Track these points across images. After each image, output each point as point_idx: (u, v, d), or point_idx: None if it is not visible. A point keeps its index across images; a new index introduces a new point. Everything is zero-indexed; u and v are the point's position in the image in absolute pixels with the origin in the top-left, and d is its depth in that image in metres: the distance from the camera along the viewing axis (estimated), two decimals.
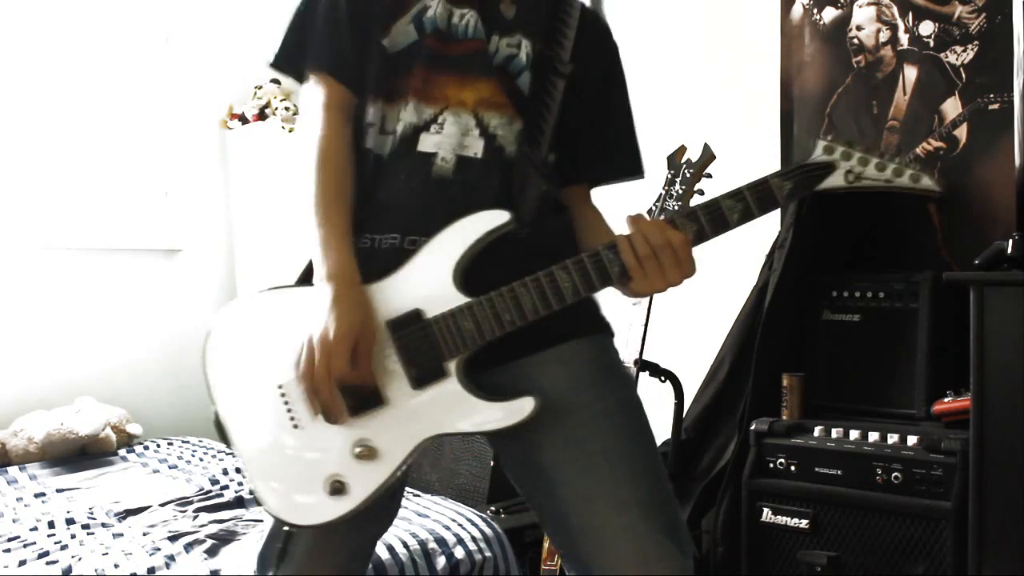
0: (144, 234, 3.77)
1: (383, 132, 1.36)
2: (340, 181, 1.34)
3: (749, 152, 2.80)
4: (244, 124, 3.82)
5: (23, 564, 2.09)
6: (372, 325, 1.26)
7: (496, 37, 1.36)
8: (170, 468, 3.03)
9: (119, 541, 2.25)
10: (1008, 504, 1.85)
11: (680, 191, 2.21)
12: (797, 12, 2.76)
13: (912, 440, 2.04)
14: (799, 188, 1.27)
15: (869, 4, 2.61)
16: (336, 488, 1.27)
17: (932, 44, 2.47)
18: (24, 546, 2.21)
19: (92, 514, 2.47)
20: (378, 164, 1.36)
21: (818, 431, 2.19)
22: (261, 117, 3.75)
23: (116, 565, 2.08)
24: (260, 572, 1.44)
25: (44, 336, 3.45)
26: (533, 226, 1.34)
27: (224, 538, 2.26)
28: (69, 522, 2.39)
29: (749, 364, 2.40)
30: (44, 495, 2.71)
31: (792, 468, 2.20)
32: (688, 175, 2.21)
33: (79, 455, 3.16)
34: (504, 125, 1.34)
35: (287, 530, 1.36)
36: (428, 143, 1.33)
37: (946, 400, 2.08)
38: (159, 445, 3.36)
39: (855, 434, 2.13)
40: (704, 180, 2.22)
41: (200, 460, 3.11)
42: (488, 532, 2.35)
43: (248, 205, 3.85)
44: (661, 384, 2.43)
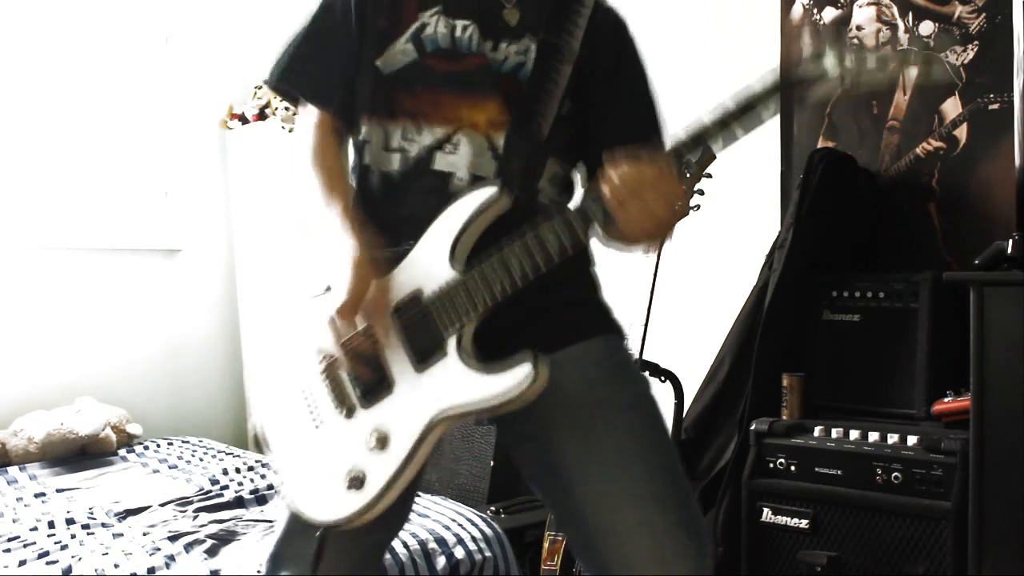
0: (144, 234, 3.77)
1: (387, 149, 1.37)
2: (335, 177, 1.39)
3: (749, 152, 2.80)
4: (244, 124, 3.82)
5: (23, 564, 2.09)
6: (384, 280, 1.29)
7: (504, 45, 1.36)
8: (170, 468, 3.03)
9: (119, 541, 2.25)
10: (1008, 504, 1.85)
11: None
12: (797, 12, 2.76)
13: (912, 440, 2.04)
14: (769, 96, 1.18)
15: (869, 4, 2.61)
16: (355, 481, 1.27)
17: (932, 44, 2.47)
18: (24, 546, 2.21)
19: (92, 514, 2.47)
20: (387, 180, 1.37)
21: (818, 431, 2.19)
22: (261, 117, 3.75)
23: (116, 565, 2.08)
24: (272, 572, 1.44)
25: (44, 336, 3.45)
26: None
27: (224, 538, 2.27)
28: (69, 522, 2.39)
29: (749, 364, 2.40)
30: (44, 495, 2.71)
31: (792, 468, 2.20)
32: (688, 175, 2.21)
33: (79, 455, 3.16)
34: (503, 156, 1.34)
35: (322, 535, 1.35)
36: (443, 163, 1.34)
37: (946, 400, 2.08)
38: (159, 445, 3.37)
39: (855, 434, 2.13)
40: (704, 180, 2.22)
41: (200, 460, 3.11)
42: (488, 532, 2.35)
43: (248, 205, 3.86)
44: (661, 384, 2.43)
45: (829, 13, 2.69)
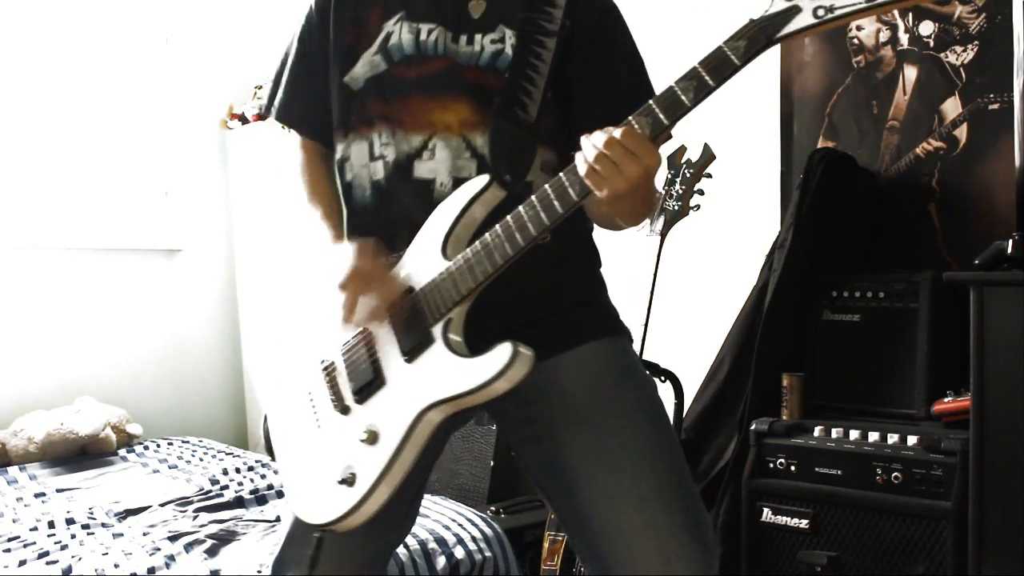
0: (144, 234, 3.77)
1: (373, 159, 1.37)
2: (316, 184, 1.45)
3: (749, 152, 2.80)
4: (244, 124, 3.82)
5: (23, 564, 2.09)
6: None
7: (479, 37, 1.34)
8: (170, 468, 3.03)
9: (119, 541, 2.25)
10: (1008, 504, 1.85)
11: (680, 191, 2.21)
12: None
13: (912, 440, 2.04)
14: (756, 43, 1.08)
15: None
16: (347, 479, 1.27)
17: (932, 44, 2.47)
18: (24, 546, 2.21)
19: (92, 514, 2.47)
20: (374, 190, 1.37)
21: (818, 431, 2.19)
22: (261, 117, 3.74)
23: (116, 565, 2.08)
24: (276, 574, 1.44)
25: (44, 336, 3.45)
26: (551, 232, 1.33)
27: (224, 538, 2.27)
28: (69, 522, 2.39)
29: (749, 364, 2.40)
30: (44, 495, 2.71)
31: (792, 468, 2.20)
32: (688, 175, 2.21)
33: (79, 455, 3.16)
34: (488, 142, 1.33)
35: (319, 537, 1.35)
36: (423, 170, 1.33)
37: (946, 400, 2.08)
38: (159, 445, 3.36)
39: (855, 434, 2.13)
40: (704, 180, 2.23)
41: (200, 460, 3.11)
42: (488, 532, 2.35)
43: (248, 205, 3.86)
44: (661, 384, 2.43)
45: None
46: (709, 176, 2.23)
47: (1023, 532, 1.84)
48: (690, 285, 2.89)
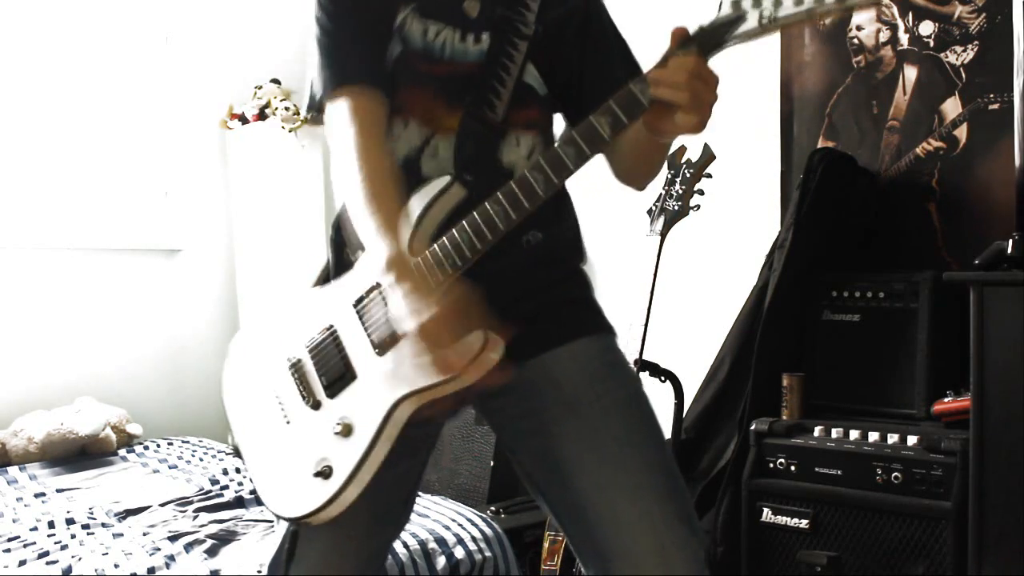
0: (144, 234, 3.77)
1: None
2: (384, 174, 1.29)
3: (749, 152, 2.80)
4: (244, 124, 3.82)
5: (23, 564, 2.10)
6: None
7: (472, 36, 1.35)
8: (170, 468, 3.03)
9: (119, 541, 2.25)
10: (1008, 504, 1.85)
11: (680, 191, 2.21)
12: None
13: (912, 440, 2.04)
14: (707, 46, 1.16)
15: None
16: (323, 471, 1.27)
17: (932, 44, 2.47)
18: (24, 546, 2.21)
19: (92, 514, 2.47)
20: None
21: (818, 431, 2.19)
22: (261, 117, 3.74)
23: (116, 565, 2.08)
24: (272, 574, 1.45)
25: (44, 336, 3.45)
26: (539, 227, 1.33)
27: (224, 538, 2.27)
28: (69, 522, 2.39)
29: (749, 364, 2.40)
30: (44, 495, 2.71)
31: (792, 468, 2.20)
32: (688, 175, 2.21)
33: (79, 455, 3.16)
34: (455, 140, 1.34)
35: (293, 530, 1.38)
36: (428, 167, 1.34)
37: (946, 400, 2.08)
38: (159, 445, 3.36)
39: (855, 434, 2.13)
40: (704, 180, 2.23)
41: (200, 460, 3.11)
42: (488, 532, 2.35)
43: (248, 205, 3.85)
44: (661, 384, 2.43)
45: None
46: (709, 176, 2.23)
47: (1023, 532, 1.84)
48: (690, 285, 2.89)
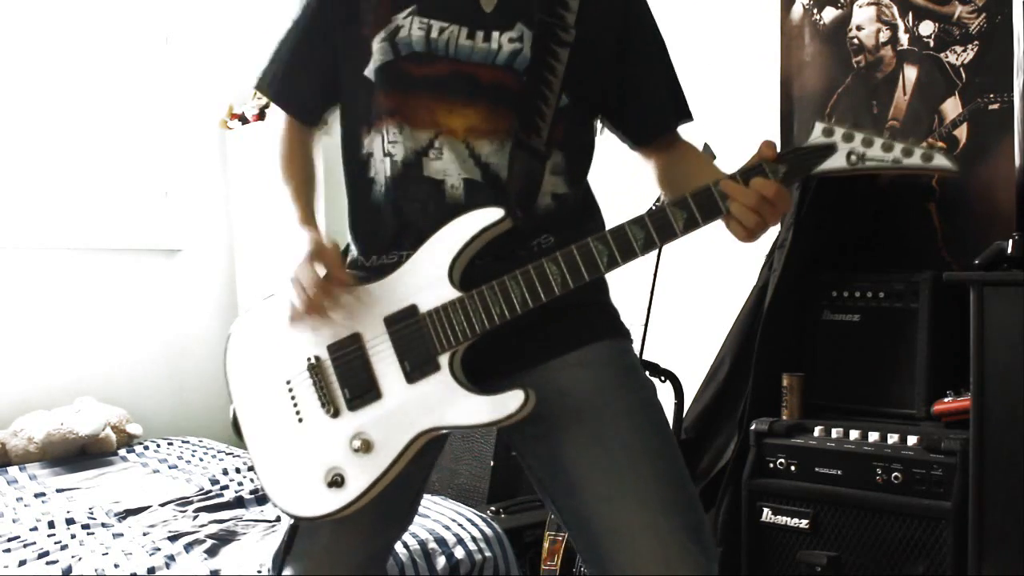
0: (144, 234, 3.76)
1: (383, 155, 1.35)
2: (297, 163, 1.46)
3: (749, 152, 2.80)
4: (244, 124, 3.82)
5: (23, 564, 2.09)
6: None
7: (497, 34, 1.31)
8: (170, 468, 3.03)
9: (119, 541, 2.25)
10: (1008, 504, 1.85)
11: None
12: (797, 12, 2.76)
13: (912, 440, 2.04)
14: (794, 171, 1.20)
15: (869, 4, 2.61)
16: (335, 481, 1.28)
17: (932, 44, 2.47)
18: (24, 546, 2.21)
19: (92, 514, 2.47)
20: (385, 187, 1.36)
21: (818, 431, 2.19)
22: (261, 117, 3.74)
23: (116, 565, 2.08)
24: (275, 572, 1.45)
25: (44, 336, 3.45)
26: (552, 231, 1.33)
27: (224, 538, 2.26)
28: (69, 522, 2.39)
29: (749, 364, 2.40)
30: (44, 495, 2.71)
31: (792, 468, 2.20)
32: None
33: (79, 455, 3.16)
34: (496, 152, 1.32)
35: (292, 525, 1.39)
36: (432, 169, 1.32)
37: (946, 400, 2.08)
38: (159, 445, 3.36)
39: (855, 434, 2.13)
40: None
41: (200, 460, 3.11)
42: (488, 532, 2.35)
43: (248, 205, 3.86)
44: (661, 384, 2.43)
45: (829, 13, 2.69)
46: None
47: (1023, 532, 1.84)
48: (690, 285, 2.89)
